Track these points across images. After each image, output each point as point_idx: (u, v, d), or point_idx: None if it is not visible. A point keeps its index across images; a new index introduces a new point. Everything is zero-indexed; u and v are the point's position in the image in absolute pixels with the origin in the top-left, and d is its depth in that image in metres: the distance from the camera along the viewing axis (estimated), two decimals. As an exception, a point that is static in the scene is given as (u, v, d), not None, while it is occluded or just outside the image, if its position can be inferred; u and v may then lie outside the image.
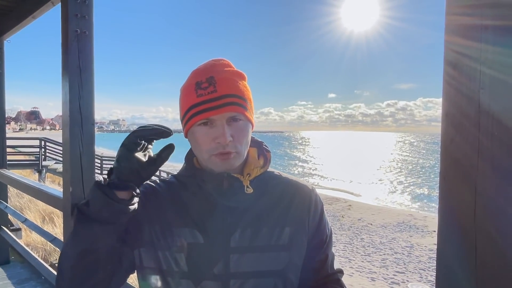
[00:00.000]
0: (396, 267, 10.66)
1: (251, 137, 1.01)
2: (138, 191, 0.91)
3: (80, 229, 0.88)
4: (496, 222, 0.69)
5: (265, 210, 0.98)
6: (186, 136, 1.00)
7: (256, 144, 1.06)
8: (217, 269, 0.92)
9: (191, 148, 1.04)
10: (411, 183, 33.30)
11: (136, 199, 0.91)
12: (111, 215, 0.86)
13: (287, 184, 1.05)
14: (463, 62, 0.75)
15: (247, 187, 0.97)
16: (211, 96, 0.90)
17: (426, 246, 12.39)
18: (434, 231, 14.27)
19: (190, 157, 1.05)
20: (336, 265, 1.09)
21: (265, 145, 1.07)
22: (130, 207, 0.88)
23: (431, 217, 17.63)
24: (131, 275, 1.03)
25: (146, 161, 0.89)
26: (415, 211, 19.85)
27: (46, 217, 8.40)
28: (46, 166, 17.16)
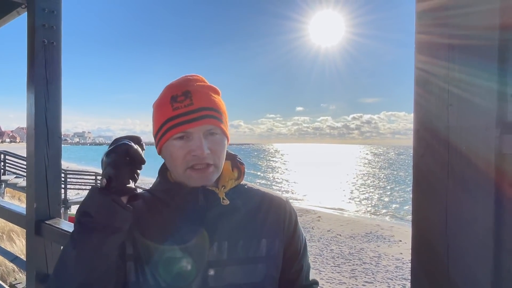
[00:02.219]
0: (365, 277, 10.82)
1: None
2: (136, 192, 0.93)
3: (85, 244, 0.86)
4: (466, 232, 0.72)
5: (241, 222, 0.98)
6: (159, 153, 0.98)
7: (230, 157, 1.06)
8: (195, 284, 0.91)
9: (165, 162, 1.03)
10: (376, 193, 34.10)
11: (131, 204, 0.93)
12: (121, 223, 0.88)
13: (262, 196, 1.06)
14: (432, 80, 0.79)
15: (223, 199, 0.97)
16: (188, 109, 0.90)
17: (393, 256, 12.66)
18: (401, 241, 14.64)
19: (164, 171, 1.04)
20: (312, 276, 1.10)
21: (238, 158, 1.07)
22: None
23: (397, 226, 18.10)
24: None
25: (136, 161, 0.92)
26: (381, 221, 20.31)
27: (4, 234, 7.97)
28: (5, 181, 16.32)
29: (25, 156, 2.40)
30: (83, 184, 18.47)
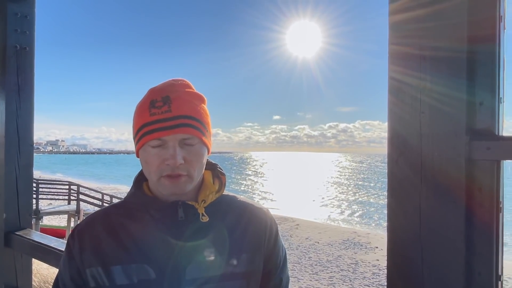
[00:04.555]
0: (343, 284, 10.90)
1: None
2: None
3: None
4: (438, 236, 0.74)
5: (221, 237, 0.94)
6: (137, 155, 0.94)
7: (210, 166, 1.02)
8: None
9: (141, 171, 0.98)
10: (353, 200, 34.56)
11: None
12: None
13: (243, 209, 1.02)
14: (405, 89, 0.82)
15: (203, 215, 0.92)
16: (165, 116, 0.87)
17: (369, 262, 12.83)
18: (377, 247, 14.87)
19: (139, 182, 0.99)
20: None
21: (219, 168, 1.03)
22: None
23: (373, 233, 18.39)
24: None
25: None
26: (358, 228, 20.59)
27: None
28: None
29: (-5, 165, 2.32)
30: (56, 194, 17.94)
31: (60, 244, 1.91)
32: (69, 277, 0.94)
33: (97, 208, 15.91)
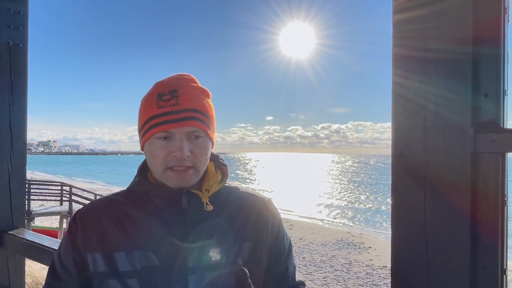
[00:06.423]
0: (337, 284, 10.92)
1: None
2: None
3: None
4: (443, 229, 0.74)
5: (223, 226, 0.95)
6: (142, 149, 0.96)
7: (212, 157, 1.03)
8: None
9: (145, 160, 1.00)
10: (346, 201, 34.70)
11: None
12: None
13: (245, 198, 1.03)
14: (409, 82, 0.81)
15: (207, 204, 0.94)
16: (173, 108, 0.88)
17: (363, 262, 12.87)
18: (370, 247, 14.93)
19: (144, 170, 1.00)
20: (298, 277, 1.09)
21: (221, 159, 1.04)
22: None
23: (367, 233, 18.48)
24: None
25: None
26: (352, 229, 20.66)
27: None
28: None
29: (-13, 163, 2.28)
30: (47, 194, 17.75)
31: (54, 243, 1.88)
32: (65, 260, 0.96)
33: (89, 209, 15.72)
